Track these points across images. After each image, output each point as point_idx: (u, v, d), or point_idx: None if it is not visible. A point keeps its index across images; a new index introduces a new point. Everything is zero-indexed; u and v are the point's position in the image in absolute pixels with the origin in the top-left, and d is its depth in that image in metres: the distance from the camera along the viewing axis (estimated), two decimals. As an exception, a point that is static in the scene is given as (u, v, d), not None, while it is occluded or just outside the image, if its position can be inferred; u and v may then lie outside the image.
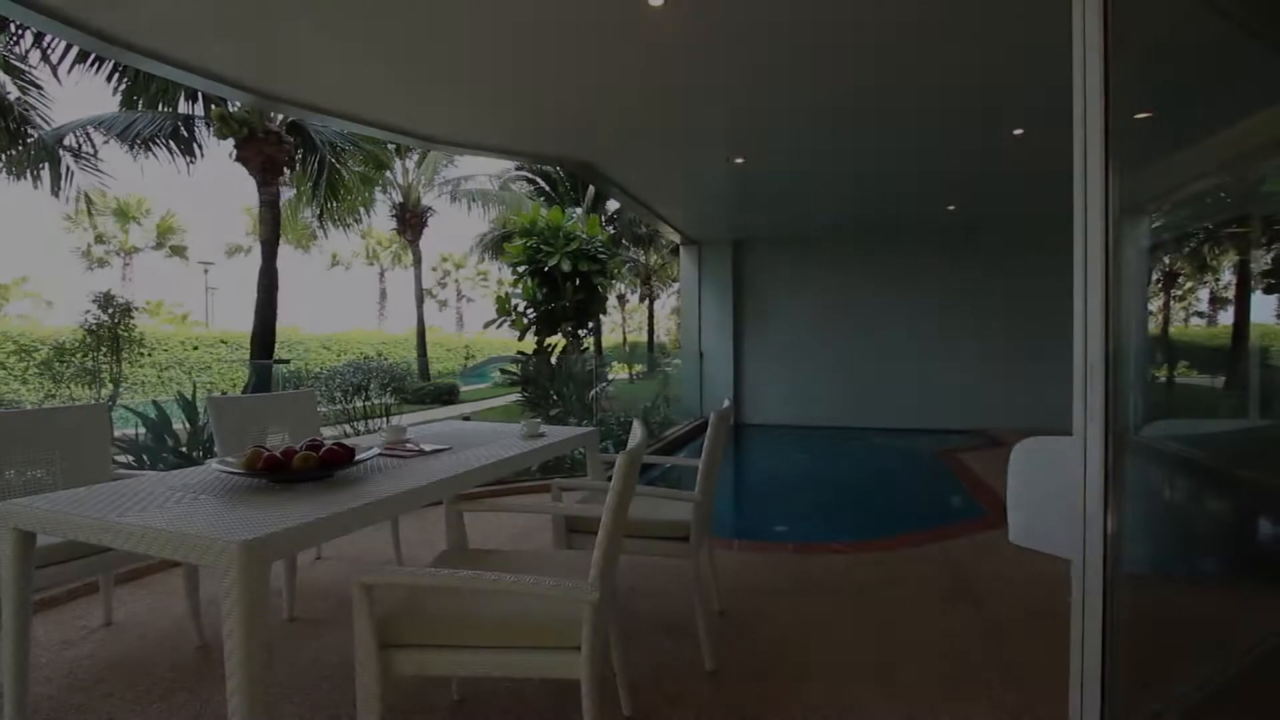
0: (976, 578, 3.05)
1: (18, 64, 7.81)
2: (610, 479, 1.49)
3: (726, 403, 2.46)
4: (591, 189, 16.98)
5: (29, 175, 8.66)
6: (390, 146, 14.66)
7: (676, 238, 9.43)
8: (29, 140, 8.24)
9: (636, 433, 1.65)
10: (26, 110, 7.96)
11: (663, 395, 9.15)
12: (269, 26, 3.28)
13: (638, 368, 16.60)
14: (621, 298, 33.25)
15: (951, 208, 7.53)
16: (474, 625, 1.44)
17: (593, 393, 6.64)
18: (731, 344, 9.54)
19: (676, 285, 27.62)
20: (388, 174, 16.44)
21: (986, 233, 8.69)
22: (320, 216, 11.92)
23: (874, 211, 7.86)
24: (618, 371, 13.65)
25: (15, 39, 7.45)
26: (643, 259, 24.42)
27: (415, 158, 17.77)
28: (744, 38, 3.36)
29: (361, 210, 13.09)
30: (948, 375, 8.91)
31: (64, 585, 2.64)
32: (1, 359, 11.83)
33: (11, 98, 7.83)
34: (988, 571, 3.13)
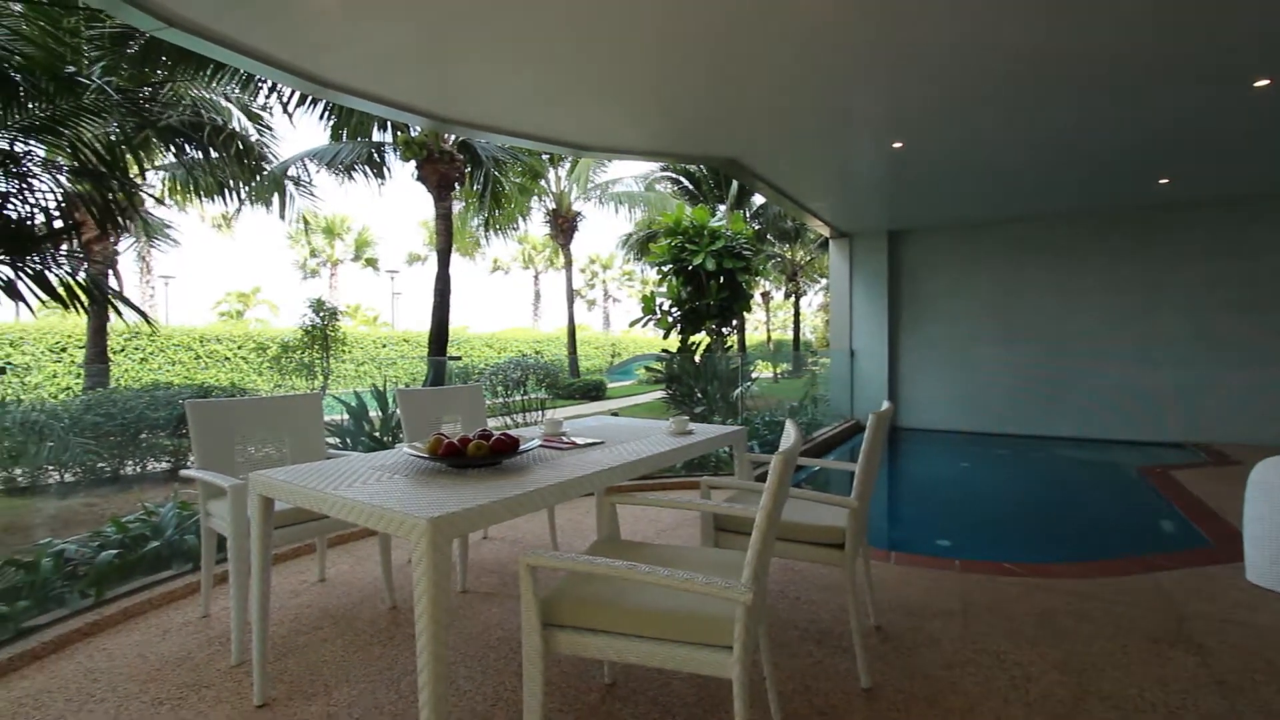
0: (1199, 620, 2.57)
1: (257, 112, 9.46)
2: (758, 479, 1.46)
3: (886, 404, 2.30)
4: (735, 185, 16.82)
5: (263, 202, 10.45)
6: (545, 156, 15.67)
7: (826, 231, 9.03)
8: (263, 174, 9.92)
9: (790, 434, 1.60)
10: (263, 149, 9.59)
11: (810, 395, 8.81)
12: (444, 57, 3.65)
13: (782, 367, 16.15)
14: (766, 295, 32.57)
15: (1164, 181, 6.41)
16: (627, 613, 1.49)
17: (737, 391, 6.57)
18: (886, 342, 8.93)
19: (824, 281, 26.47)
20: (542, 183, 17.57)
21: (1209, 209, 7.31)
22: (485, 225, 13.06)
23: (1060, 191, 6.92)
24: (762, 370, 13.39)
25: (254, 92, 9.01)
26: (788, 255, 23.70)
27: (566, 166, 18.80)
28: (902, 8, 3.12)
29: (519, 218, 14.15)
30: (1152, 378, 7.61)
31: (291, 544, 3.13)
32: (244, 355, 14.41)
33: (252, 139, 9.47)
34: (1214, 614, 2.63)
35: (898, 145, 5.21)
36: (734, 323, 7.74)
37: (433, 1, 2.98)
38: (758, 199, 18.39)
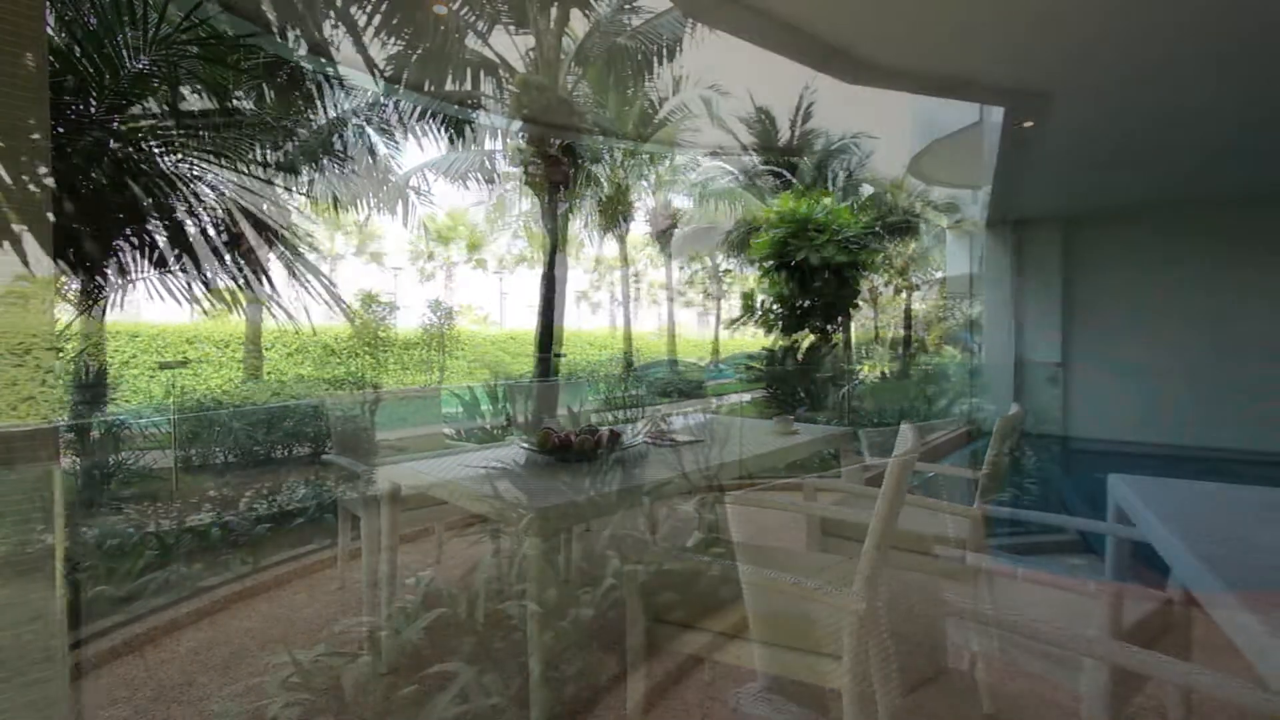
0: None
1: (384, 128, 10.29)
2: (866, 483, 1.38)
3: (1015, 407, 2.11)
4: (843, 175, 16.12)
5: (389, 211, 11.35)
6: (645, 156, 15.83)
7: (944, 221, 8.41)
8: (389, 185, 10.77)
9: (907, 437, 1.50)
10: (388, 161, 10.41)
11: (922, 397, 8.28)
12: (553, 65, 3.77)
13: (892, 366, 15.32)
14: (874, 290, 31.00)
15: None
16: (731, 613, 1.46)
17: (843, 391, 6.31)
18: (1059, 346, 7.57)
19: (939, 275, 24.77)
20: (642, 183, 17.76)
21: None
22: (587, 226, 13.42)
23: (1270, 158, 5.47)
24: (869, 370, 12.78)
25: (381, 108, 9.80)
26: (900, 248, 22.41)
27: (667, 164, 18.86)
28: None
29: (620, 218, 14.40)
30: None
31: (413, 527, 3.38)
32: (371, 353, 15.73)
33: (380, 153, 10.31)
34: None
35: (1028, 125, 4.75)
36: (840, 320, 7.43)
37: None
38: (866, 189, 17.52)
